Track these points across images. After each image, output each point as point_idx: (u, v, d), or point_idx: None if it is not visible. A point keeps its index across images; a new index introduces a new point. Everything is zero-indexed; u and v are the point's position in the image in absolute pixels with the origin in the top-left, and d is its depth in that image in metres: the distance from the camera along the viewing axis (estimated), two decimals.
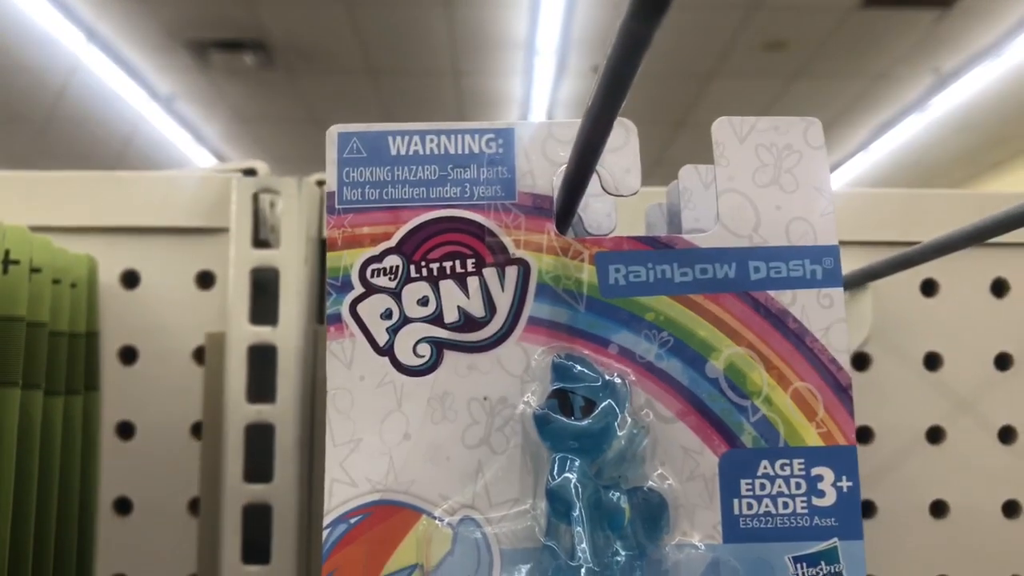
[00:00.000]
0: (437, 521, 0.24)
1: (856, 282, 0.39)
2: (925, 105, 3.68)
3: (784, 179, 0.26)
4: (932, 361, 0.44)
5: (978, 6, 2.88)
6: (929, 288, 0.44)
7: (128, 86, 3.47)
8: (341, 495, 0.24)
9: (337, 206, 0.26)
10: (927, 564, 0.43)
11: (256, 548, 0.40)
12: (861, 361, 0.44)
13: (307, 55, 3.29)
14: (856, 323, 0.43)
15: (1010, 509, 0.43)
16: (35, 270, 0.36)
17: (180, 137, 4.03)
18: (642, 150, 0.26)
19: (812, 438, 0.24)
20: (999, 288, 0.44)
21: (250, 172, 0.43)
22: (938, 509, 0.43)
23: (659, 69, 3.11)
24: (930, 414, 0.43)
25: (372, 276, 0.25)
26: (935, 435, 0.44)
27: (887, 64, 3.31)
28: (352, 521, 0.24)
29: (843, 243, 0.42)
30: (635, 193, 0.26)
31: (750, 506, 0.24)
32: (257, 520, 0.41)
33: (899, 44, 3.15)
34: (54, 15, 2.94)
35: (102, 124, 3.74)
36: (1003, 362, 0.44)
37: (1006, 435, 0.44)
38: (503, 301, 0.25)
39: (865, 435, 0.43)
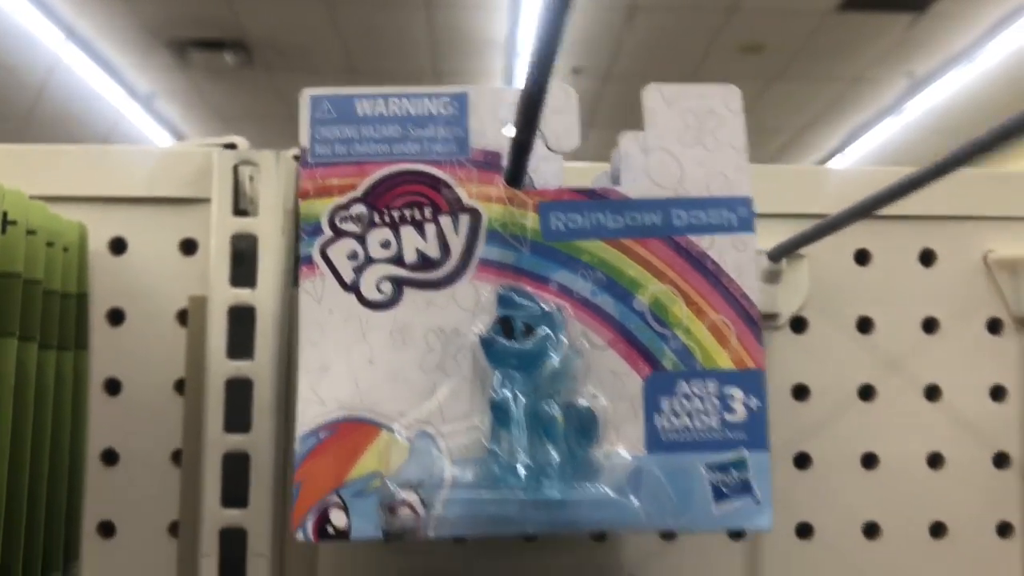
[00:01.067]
0: (396, 435, 0.27)
1: (787, 250, 0.42)
2: (900, 108, 3.74)
3: (706, 139, 0.29)
4: (864, 325, 0.47)
5: (951, 11, 2.94)
6: (862, 257, 0.48)
7: (108, 85, 3.48)
8: (311, 413, 0.28)
9: (309, 160, 0.29)
10: (858, 511, 0.46)
11: (235, 495, 0.43)
12: (798, 324, 0.47)
13: (287, 54, 3.31)
14: (793, 289, 0.47)
15: (934, 461, 0.47)
16: (31, 232, 0.39)
17: (159, 135, 4.04)
18: None
19: (725, 362, 0.28)
20: (927, 258, 0.48)
21: (230, 146, 0.46)
22: (869, 461, 0.47)
23: (637, 71, 3.15)
24: (862, 373, 0.47)
25: (340, 222, 0.29)
26: (866, 393, 0.47)
27: (862, 67, 3.36)
28: (321, 436, 0.27)
29: (779, 216, 0.46)
30: (575, 148, 0.29)
31: (670, 421, 0.28)
32: (236, 468, 0.44)
33: (874, 48, 3.21)
34: (33, 13, 2.95)
35: (81, 123, 3.75)
36: (930, 326, 0.48)
37: (932, 393, 0.47)
38: (457, 244, 0.29)
39: (802, 393, 0.47)
